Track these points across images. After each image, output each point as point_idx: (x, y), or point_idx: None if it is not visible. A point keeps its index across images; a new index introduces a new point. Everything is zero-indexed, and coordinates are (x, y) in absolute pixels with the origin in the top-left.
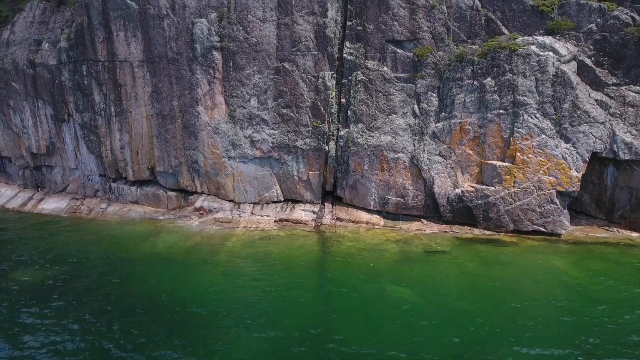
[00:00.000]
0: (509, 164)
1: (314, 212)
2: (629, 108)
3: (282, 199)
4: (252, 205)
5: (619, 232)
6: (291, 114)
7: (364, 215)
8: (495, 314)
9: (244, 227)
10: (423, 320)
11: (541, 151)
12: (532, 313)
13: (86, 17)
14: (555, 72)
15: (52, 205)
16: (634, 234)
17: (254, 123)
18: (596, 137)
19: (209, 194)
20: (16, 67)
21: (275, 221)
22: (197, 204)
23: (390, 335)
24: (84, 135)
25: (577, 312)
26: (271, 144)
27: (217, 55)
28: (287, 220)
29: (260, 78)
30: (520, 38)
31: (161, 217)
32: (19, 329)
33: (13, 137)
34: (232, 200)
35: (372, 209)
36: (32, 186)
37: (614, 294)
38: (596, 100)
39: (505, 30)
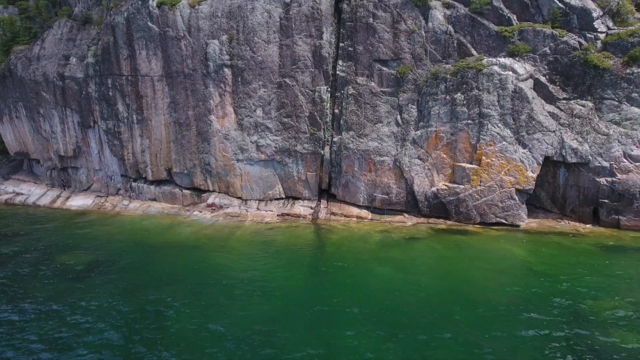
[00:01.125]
0: (476, 166)
1: (311, 208)
2: (576, 119)
3: (284, 196)
4: (257, 201)
5: (569, 223)
6: (291, 123)
7: (354, 210)
8: (455, 283)
9: (251, 220)
10: (398, 288)
11: (502, 155)
12: (483, 283)
13: (112, 37)
14: (514, 88)
15: (79, 202)
16: (581, 225)
17: (259, 130)
18: (548, 144)
19: (219, 192)
20: (47, 79)
21: (277, 215)
22: (209, 201)
23: (371, 300)
24: (108, 140)
25: (519, 282)
26: (274, 149)
27: (227, 71)
28: (288, 214)
29: (264, 91)
30: (486, 59)
31: (178, 212)
32: (70, 299)
33: (42, 141)
34: (240, 197)
35: (361, 204)
36: (59, 185)
37: (552, 269)
38: (549, 112)
39: (474, 52)
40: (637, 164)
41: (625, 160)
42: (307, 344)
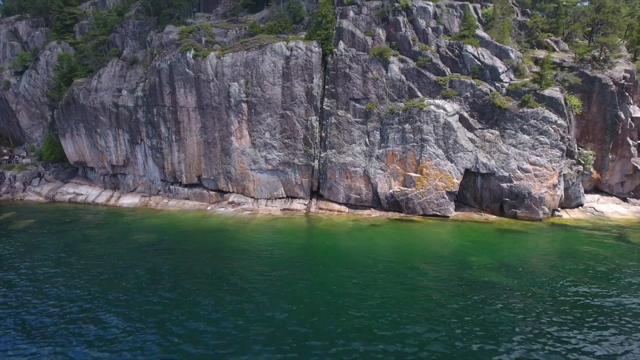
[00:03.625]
0: (419, 175)
1: (305, 204)
2: (486, 143)
3: (285, 196)
4: (266, 200)
5: (484, 215)
6: (291, 143)
7: (336, 206)
8: (396, 251)
9: (261, 213)
10: (362, 256)
11: (437, 167)
12: (418, 252)
13: (157, 78)
14: (444, 121)
15: (128, 200)
16: (492, 216)
17: (267, 148)
18: (467, 160)
19: (237, 193)
20: (103, 106)
21: (280, 210)
22: (230, 199)
23: (344, 263)
24: (152, 154)
25: (435, 251)
26: (278, 161)
27: (244, 105)
28: (288, 209)
29: (271, 120)
30: (426, 100)
31: (206, 208)
32: (153, 260)
33: (97, 153)
34: (253, 197)
35: (341, 202)
36: (110, 187)
37: (458, 242)
38: (469, 138)
39: (420, 94)
40: (526, 174)
41: (518, 171)
42: (299, 279)
